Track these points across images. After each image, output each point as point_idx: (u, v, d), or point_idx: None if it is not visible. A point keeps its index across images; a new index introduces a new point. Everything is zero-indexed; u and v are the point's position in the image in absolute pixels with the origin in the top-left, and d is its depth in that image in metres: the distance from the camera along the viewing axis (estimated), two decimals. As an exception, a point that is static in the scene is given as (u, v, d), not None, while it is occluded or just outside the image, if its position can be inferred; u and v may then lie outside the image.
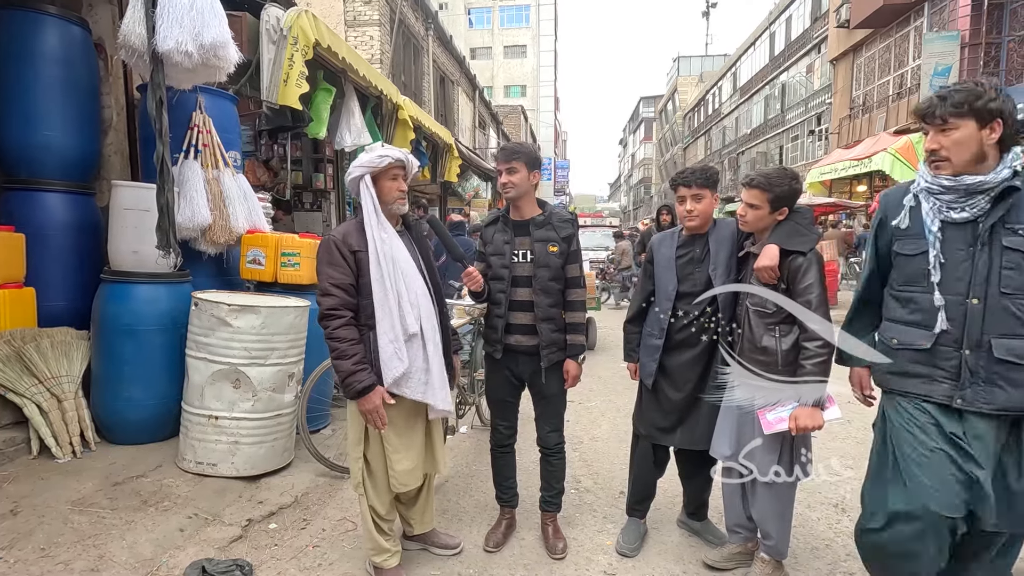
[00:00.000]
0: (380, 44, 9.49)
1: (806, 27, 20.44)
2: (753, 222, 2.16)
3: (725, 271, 2.28)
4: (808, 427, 2.00)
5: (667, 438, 2.46)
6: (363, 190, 2.14)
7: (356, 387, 2.03)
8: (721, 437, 2.29)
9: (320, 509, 2.88)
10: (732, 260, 2.30)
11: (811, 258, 2.06)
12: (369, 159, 2.14)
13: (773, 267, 2.08)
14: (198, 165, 3.55)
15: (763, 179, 2.13)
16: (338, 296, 2.08)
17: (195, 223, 3.41)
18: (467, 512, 2.91)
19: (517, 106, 29.27)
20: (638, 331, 2.54)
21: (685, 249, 2.39)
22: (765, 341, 2.12)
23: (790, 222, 2.15)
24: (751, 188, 2.15)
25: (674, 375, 2.39)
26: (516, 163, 2.38)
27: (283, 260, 3.62)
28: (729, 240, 2.33)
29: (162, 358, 3.26)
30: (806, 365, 2.02)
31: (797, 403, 2.06)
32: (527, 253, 2.43)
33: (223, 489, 2.90)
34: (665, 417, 2.43)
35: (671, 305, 2.36)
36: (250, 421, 3.01)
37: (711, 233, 2.36)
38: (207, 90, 3.73)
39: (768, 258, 2.08)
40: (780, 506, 2.18)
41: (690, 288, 2.34)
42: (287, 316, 3.09)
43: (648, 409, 2.50)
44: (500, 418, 2.60)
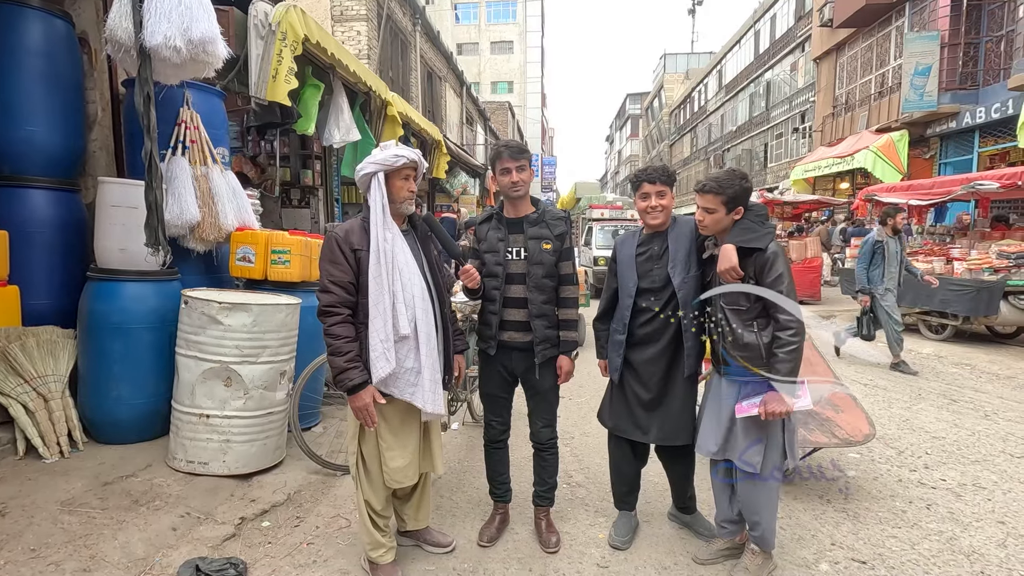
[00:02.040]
0: (368, 40, 9.42)
1: (790, 26, 20.65)
2: (712, 225, 2.23)
3: (684, 268, 2.35)
4: (776, 412, 2.07)
5: (639, 433, 2.50)
6: (374, 187, 2.14)
7: (347, 384, 2.05)
8: (707, 434, 2.33)
9: (313, 507, 2.88)
10: (691, 257, 2.37)
11: (774, 250, 2.13)
12: (384, 157, 2.14)
13: (734, 267, 2.14)
14: (186, 162, 3.51)
15: (714, 183, 2.19)
16: (336, 293, 2.09)
17: (183, 220, 3.38)
18: (460, 508, 2.93)
19: (504, 102, 29.20)
20: (606, 328, 2.60)
21: (645, 247, 2.45)
22: (747, 337, 2.17)
23: (744, 220, 2.21)
24: (704, 194, 2.21)
25: (640, 370, 2.45)
26: (525, 160, 2.41)
27: (273, 258, 3.61)
28: (688, 238, 2.39)
29: (151, 356, 3.23)
30: (779, 354, 2.08)
31: None
32: (521, 250, 2.45)
33: (215, 488, 2.89)
34: (634, 412, 2.48)
35: (631, 301, 2.42)
36: (242, 419, 2.99)
37: (670, 231, 2.42)
38: (195, 85, 3.68)
39: (727, 260, 2.16)
40: (765, 498, 2.23)
41: (649, 284, 2.40)
42: (278, 314, 3.08)
43: (616, 403, 2.56)
44: (493, 414, 2.62)
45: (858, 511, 2.88)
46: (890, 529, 2.70)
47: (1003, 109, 11.08)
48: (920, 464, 3.48)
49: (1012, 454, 3.62)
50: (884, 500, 3.00)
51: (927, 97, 12.38)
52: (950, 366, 6.11)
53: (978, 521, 2.78)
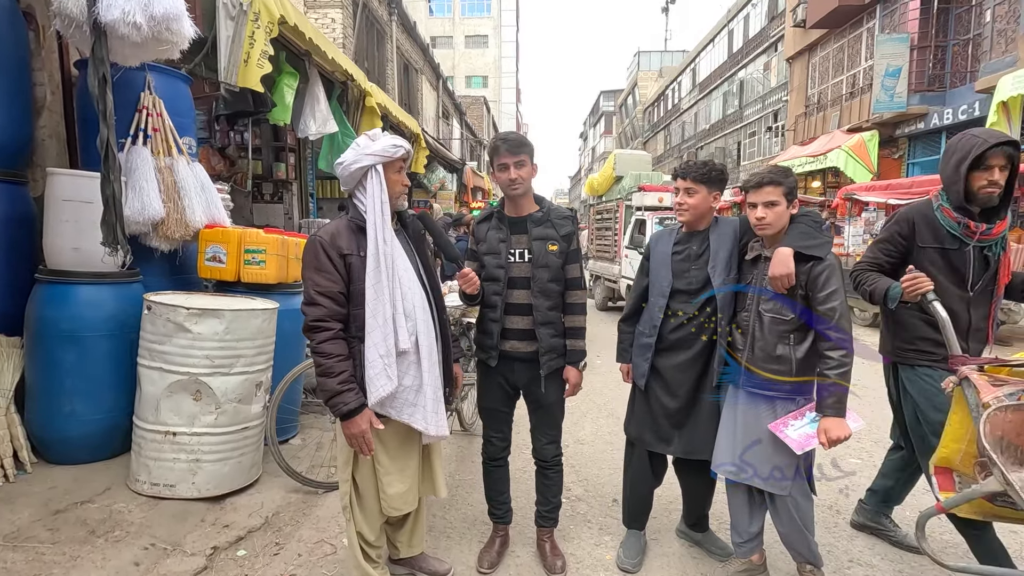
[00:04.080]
0: (343, 28, 9.04)
1: (763, 26, 20.89)
2: (775, 221, 2.03)
3: (725, 270, 2.18)
4: (840, 438, 1.90)
5: (662, 445, 2.34)
6: (372, 182, 1.88)
7: (342, 409, 1.82)
8: (722, 452, 2.18)
9: (294, 531, 2.63)
10: (733, 259, 2.19)
11: (832, 263, 1.96)
12: (383, 147, 1.88)
13: (790, 274, 1.96)
14: (148, 152, 3.19)
15: (773, 174, 2.02)
16: (325, 306, 1.84)
17: (145, 216, 3.06)
18: (455, 528, 2.73)
19: (480, 97, 28.90)
20: (631, 331, 2.43)
21: (682, 246, 2.28)
22: (779, 350, 2.02)
23: (801, 224, 2.05)
24: (763, 186, 2.03)
25: (668, 378, 2.28)
26: (524, 156, 2.19)
27: (247, 258, 3.32)
28: (730, 238, 2.22)
29: (109, 367, 2.91)
30: (831, 375, 1.92)
31: (816, 415, 1.96)
32: (524, 252, 2.26)
33: (183, 513, 2.61)
34: (658, 422, 2.31)
35: (665, 302, 2.25)
36: (213, 436, 2.72)
37: (712, 230, 2.25)
38: (157, 68, 3.36)
39: (784, 265, 1.97)
40: (804, 515, 2.09)
41: (684, 285, 2.24)
42: (254, 320, 2.81)
43: (640, 412, 2.38)
44: (493, 430, 2.42)
45: (870, 522, 2.77)
46: (905, 542, 2.61)
47: (970, 111, 11.36)
48: (921, 469, 3.42)
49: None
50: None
51: (897, 98, 12.62)
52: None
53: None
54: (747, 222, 2.17)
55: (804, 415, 1.99)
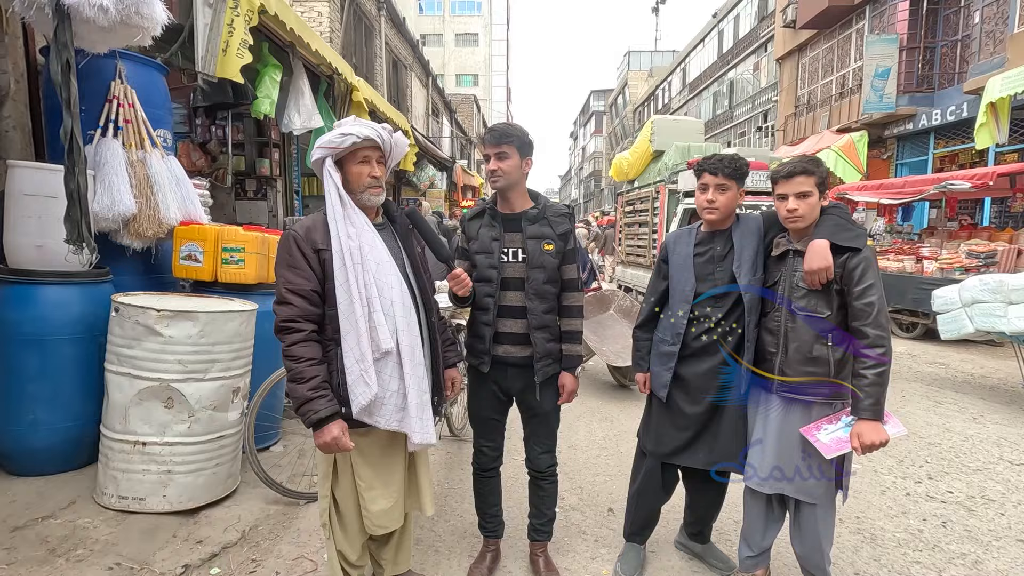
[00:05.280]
0: (330, 22, 8.84)
1: (753, 26, 20.93)
2: (809, 213, 1.89)
3: (751, 270, 2.03)
4: (875, 443, 1.78)
5: (682, 457, 2.17)
6: (325, 176, 1.79)
7: (311, 418, 1.67)
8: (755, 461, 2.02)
9: (273, 546, 2.48)
10: (759, 258, 2.05)
11: (868, 256, 1.84)
12: (329, 138, 1.78)
13: (829, 267, 1.83)
14: (119, 144, 3.02)
15: (805, 163, 1.89)
16: (296, 305, 1.71)
17: (115, 212, 2.89)
18: (443, 541, 2.59)
19: (470, 95, 28.70)
20: (648, 337, 2.27)
21: (704, 247, 2.12)
22: (816, 350, 1.88)
23: (833, 215, 1.93)
24: (794, 176, 1.89)
25: (690, 386, 2.12)
26: (507, 147, 2.05)
27: (225, 256, 3.16)
28: (755, 235, 2.07)
29: (76, 373, 2.74)
30: (868, 375, 1.78)
31: (851, 419, 1.84)
32: (519, 251, 2.12)
33: (153, 528, 2.45)
34: (679, 434, 2.15)
35: (689, 308, 2.09)
36: (186, 446, 2.56)
37: (734, 229, 2.09)
38: (130, 56, 3.19)
39: (822, 258, 1.83)
40: (826, 530, 1.98)
41: (710, 289, 2.07)
42: (231, 322, 2.65)
43: (660, 424, 2.21)
44: (485, 439, 2.29)
45: (873, 532, 2.69)
46: (912, 553, 2.52)
47: (958, 112, 11.41)
48: (923, 474, 3.34)
49: (1011, 461, 3.54)
50: (897, 518, 2.82)
51: (886, 99, 12.66)
52: (925, 365, 6.13)
53: (997, 540, 2.63)
54: (772, 216, 2.04)
55: (840, 419, 1.87)
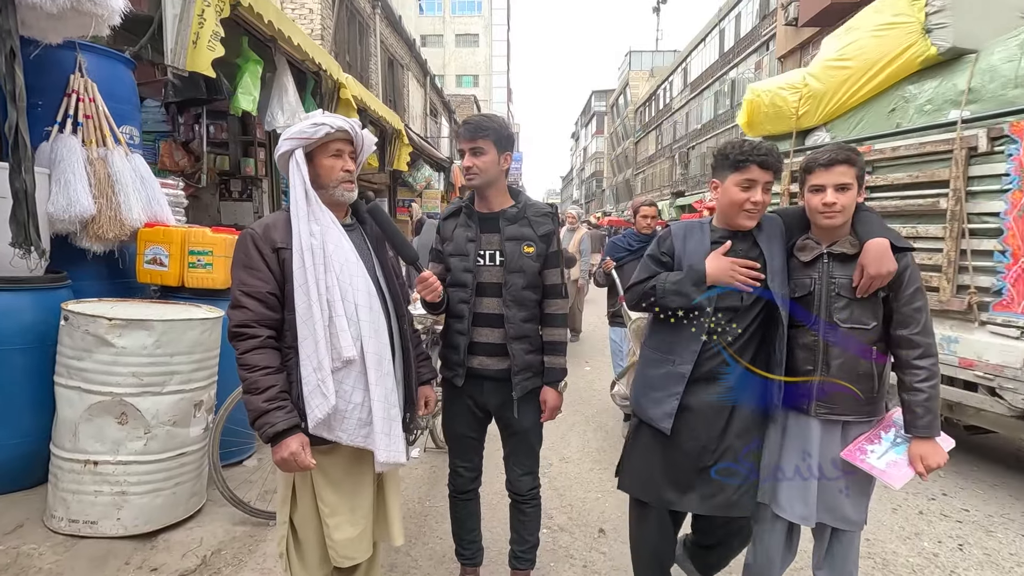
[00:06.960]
0: (321, 18, 8.67)
1: (755, 25, 20.72)
2: (848, 208, 1.65)
3: (783, 281, 1.72)
4: (940, 465, 1.58)
5: (682, 502, 1.76)
6: (292, 169, 1.61)
7: (268, 432, 1.50)
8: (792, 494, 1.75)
9: (235, 572, 2.30)
10: (785, 265, 1.76)
11: (911, 258, 1.65)
12: (301, 128, 1.61)
13: (894, 271, 1.60)
14: (77, 141, 2.83)
15: (847, 151, 1.65)
16: (251, 309, 1.53)
17: (72, 213, 2.71)
18: (420, 566, 2.40)
19: (470, 96, 28.56)
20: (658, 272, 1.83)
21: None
22: (863, 367, 1.66)
23: (870, 213, 1.73)
24: (834, 165, 1.63)
25: (698, 415, 1.73)
26: (483, 142, 1.86)
27: (191, 260, 2.97)
28: (780, 240, 1.78)
29: (26, 386, 2.55)
30: (924, 388, 1.59)
31: (893, 436, 1.64)
32: (496, 254, 1.93)
33: (104, 555, 2.26)
34: (678, 475, 1.76)
35: (707, 321, 1.73)
36: (142, 465, 2.38)
37: (758, 233, 1.76)
38: (92, 48, 3.01)
39: (891, 260, 1.59)
40: (856, 556, 1.79)
41: (731, 302, 1.72)
42: (190, 331, 2.46)
43: (650, 459, 1.80)
44: (461, 459, 2.10)
45: (886, 556, 2.49)
46: (927, 581, 2.32)
47: (965, 110, 11.19)
48: (937, 490, 3.14)
49: (1029, 475, 3.34)
50: (911, 540, 2.63)
51: (891, 97, 12.46)
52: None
53: (1020, 566, 2.43)
54: (795, 217, 1.80)
55: (879, 437, 1.67)
